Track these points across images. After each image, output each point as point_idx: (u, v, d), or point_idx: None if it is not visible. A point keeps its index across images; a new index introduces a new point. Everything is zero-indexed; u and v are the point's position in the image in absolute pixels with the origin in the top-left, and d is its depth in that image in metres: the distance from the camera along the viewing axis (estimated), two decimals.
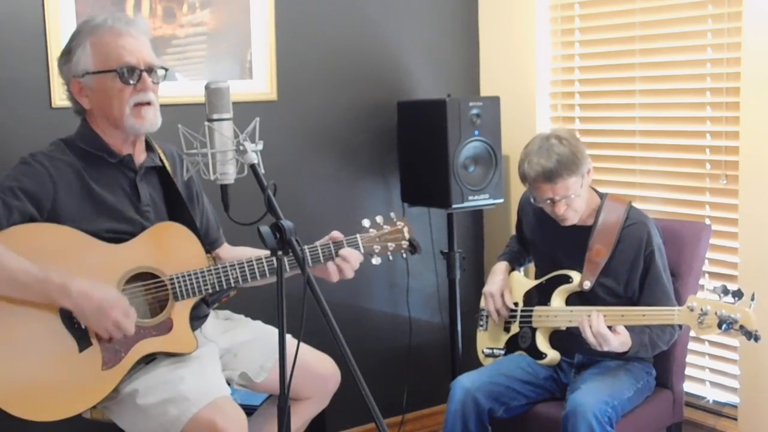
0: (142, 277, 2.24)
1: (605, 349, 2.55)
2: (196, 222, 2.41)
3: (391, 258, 2.50)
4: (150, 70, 2.25)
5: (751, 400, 2.91)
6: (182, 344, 2.28)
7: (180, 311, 2.27)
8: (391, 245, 2.48)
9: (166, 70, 2.32)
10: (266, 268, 2.31)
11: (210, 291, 2.29)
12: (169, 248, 2.28)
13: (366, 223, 2.47)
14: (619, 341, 2.54)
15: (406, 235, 2.50)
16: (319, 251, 2.37)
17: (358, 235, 2.43)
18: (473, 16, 3.72)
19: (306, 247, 2.33)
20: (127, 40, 2.23)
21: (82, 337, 2.17)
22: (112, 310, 2.12)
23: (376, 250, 2.45)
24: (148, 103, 2.24)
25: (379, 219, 2.49)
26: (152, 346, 2.24)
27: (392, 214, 2.52)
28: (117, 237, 2.24)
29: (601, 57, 3.38)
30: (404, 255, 2.53)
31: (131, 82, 2.21)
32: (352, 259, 2.38)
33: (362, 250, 2.42)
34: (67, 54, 2.27)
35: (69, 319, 2.16)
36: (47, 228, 2.18)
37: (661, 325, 2.64)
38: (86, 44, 2.23)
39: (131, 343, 2.21)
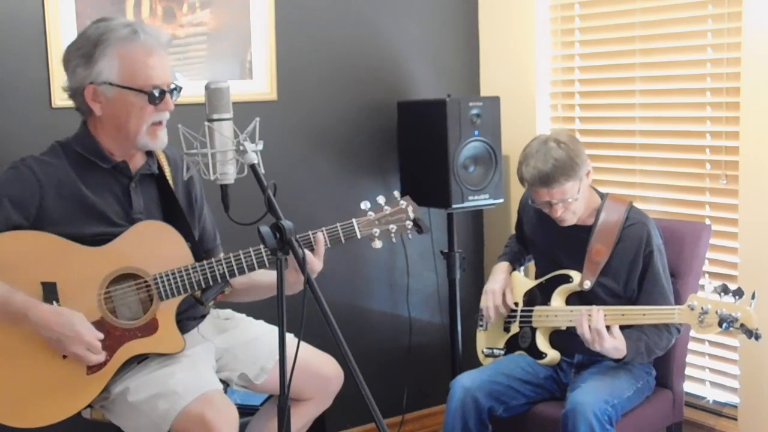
0: (127, 278, 2.23)
1: (597, 348, 2.55)
2: (193, 229, 2.39)
3: (394, 240, 2.40)
4: (170, 90, 2.24)
5: (751, 400, 2.91)
6: (168, 344, 2.26)
7: (165, 311, 2.25)
8: (393, 227, 2.38)
9: (181, 88, 2.29)
10: (254, 260, 2.26)
11: (196, 288, 2.26)
12: (152, 247, 2.25)
13: (365, 205, 2.37)
14: (613, 344, 2.54)
15: (411, 215, 2.40)
16: (312, 239, 2.31)
17: (354, 220, 2.35)
18: (473, 16, 3.72)
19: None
20: (157, 61, 2.21)
21: None
22: (73, 346, 2.11)
23: (376, 234, 2.36)
24: (161, 122, 2.24)
25: (380, 199, 2.39)
26: (138, 347, 2.22)
27: (396, 193, 2.43)
28: (105, 240, 2.22)
29: (601, 57, 3.37)
30: (410, 236, 2.43)
31: (156, 101, 2.20)
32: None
33: (359, 235, 2.34)
34: (88, 58, 2.19)
35: None
36: (26, 235, 2.17)
37: (657, 332, 2.64)
38: (114, 55, 2.17)
39: (116, 345, 2.20)
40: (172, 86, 2.25)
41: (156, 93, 2.19)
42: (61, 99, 2.73)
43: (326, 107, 3.36)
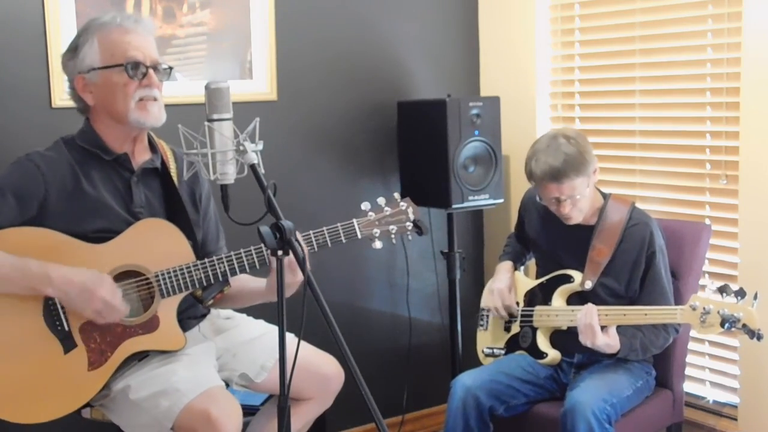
0: (128, 275, 2.23)
1: (588, 343, 2.56)
2: (195, 227, 2.39)
3: (394, 241, 2.41)
4: (155, 67, 2.26)
5: (751, 400, 2.91)
6: (170, 342, 2.26)
7: (167, 308, 2.25)
8: (393, 228, 2.38)
9: (171, 68, 2.33)
10: (255, 259, 2.26)
11: (197, 286, 2.27)
12: (153, 245, 2.26)
13: (365, 206, 2.38)
14: (605, 341, 2.54)
15: (411, 216, 2.41)
16: (312, 239, 2.32)
17: (354, 220, 2.36)
18: (473, 16, 3.72)
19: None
20: (134, 37, 2.25)
21: (66, 338, 2.17)
22: (98, 289, 2.11)
23: (376, 234, 2.37)
24: (154, 99, 2.25)
25: (380, 201, 2.40)
26: (139, 344, 2.23)
27: (396, 195, 2.43)
28: (106, 237, 2.23)
29: (601, 57, 3.38)
30: (410, 237, 2.44)
31: (137, 76, 2.23)
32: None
33: (360, 236, 2.35)
34: (74, 50, 2.28)
35: (52, 321, 2.16)
36: (29, 232, 2.17)
37: (654, 330, 2.64)
38: (93, 40, 2.25)
39: (117, 342, 2.20)
40: (159, 65, 2.27)
41: (134, 65, 2.22)
42: (61, 99, 2.73)
43: (326, 107, 3.36)
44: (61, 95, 2.72)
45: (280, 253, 1.83)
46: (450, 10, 3.65)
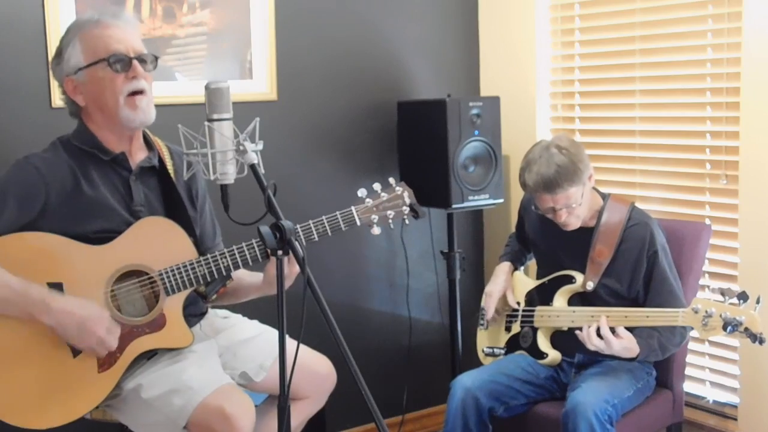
0: (132, 274, 2.23)
1: (607, 352, 2.55)
2: (194, 224, 2.40)
3: (392, 226, 2.42)
4: (140, 58, 2.25)
5: (751, 400, 2.91)
6: (177, 339, 2.26)
7: (172, 306, 2.25)
8: (390, 213, 2.39)
9: (157, 57, 2.31)
10: (258, 252, 2.26)
11: (201, 282, 2.27)
12: (155, 243, 2.25)
13: (362, 192, 2.39)
14: (622, 345, 2.53)
15: (407, 201, 2.42)
16: (312, 229, 2.32)
17: (353, 207, 2.36)
18: (473, 16, 3.72)
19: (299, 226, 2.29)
20: (114, 31, 2.24)
21: None
22: (96, 327, 2.12)
23: (374, 220, 2.37)
24: (142, 92, 2.24)
25: (376, 186, 2.40)
26: (147, 344, 2.23)
27: (391, 180, 2.44)
28: (108, 237, 2.23)
29: (601, 57, 3.38)
30: (407, 221, 2.45)
31: (121, 69, 2.22)
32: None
33: (359, 222, 2.36)
34: (59, 55, 2.28)
35: None
36: (31, 236, 2.17)
37: (671, 328, 2.63)
38: (75, 41, 2.24)
39: (125, 343, 2.20)
40: (144, 55, 2.26)
41: (117, 58, 2.21)
42: (61, 99, 2.73)
43: (326, 107, 3.36)
44: (61, 95, 2.71)
45: (279, 252, 1.84)
46: (450, 10, 3.65)
